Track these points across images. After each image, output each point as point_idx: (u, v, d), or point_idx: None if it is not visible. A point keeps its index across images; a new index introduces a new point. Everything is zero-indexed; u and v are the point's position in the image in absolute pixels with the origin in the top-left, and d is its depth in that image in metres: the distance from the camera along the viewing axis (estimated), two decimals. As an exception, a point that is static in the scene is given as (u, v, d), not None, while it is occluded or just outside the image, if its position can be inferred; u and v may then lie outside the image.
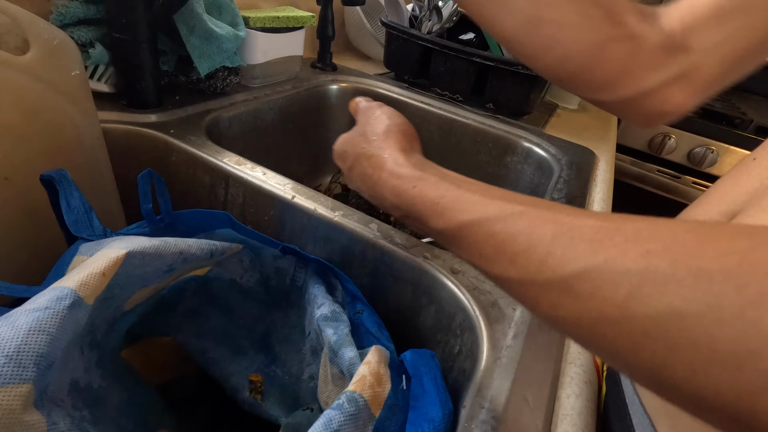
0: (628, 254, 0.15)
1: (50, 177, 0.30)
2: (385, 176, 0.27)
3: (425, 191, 0.24)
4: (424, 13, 0.79)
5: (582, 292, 0.15)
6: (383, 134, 0.30)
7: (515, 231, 0.18)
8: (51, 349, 0.21)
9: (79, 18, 0.45)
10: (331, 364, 0.31)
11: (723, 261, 0.13)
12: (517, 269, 0.18)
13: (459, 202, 0.22)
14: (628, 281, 0.14)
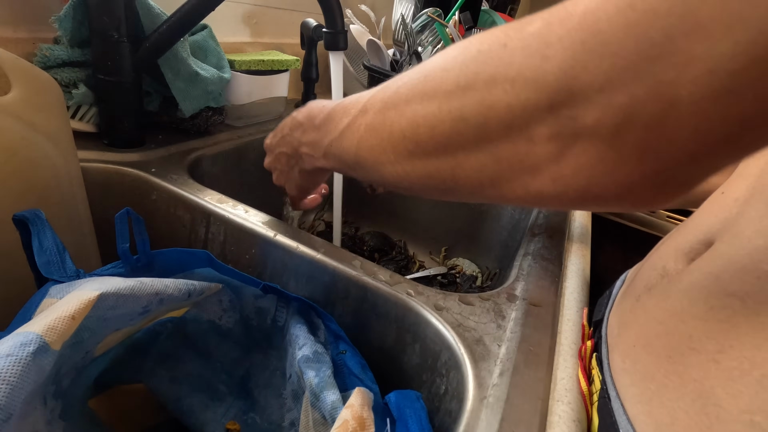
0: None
1: (23, 217, 0.30)
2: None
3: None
4: (404, 57, 0.82)
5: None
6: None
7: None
8: (10, 401, 0.19)
9: (63, 60, 0.45)
10: (312, 409, 0.30)
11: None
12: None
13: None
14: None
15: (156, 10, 0.48)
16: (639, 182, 0.14)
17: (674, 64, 0.12)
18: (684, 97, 0.12)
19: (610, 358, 0.28)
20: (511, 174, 0.17)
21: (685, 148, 0.13)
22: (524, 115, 0.15)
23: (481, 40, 0.18)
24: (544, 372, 0.31)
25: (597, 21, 0.13)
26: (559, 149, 0.15)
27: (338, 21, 0.45)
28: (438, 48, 0.77)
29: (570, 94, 0.14)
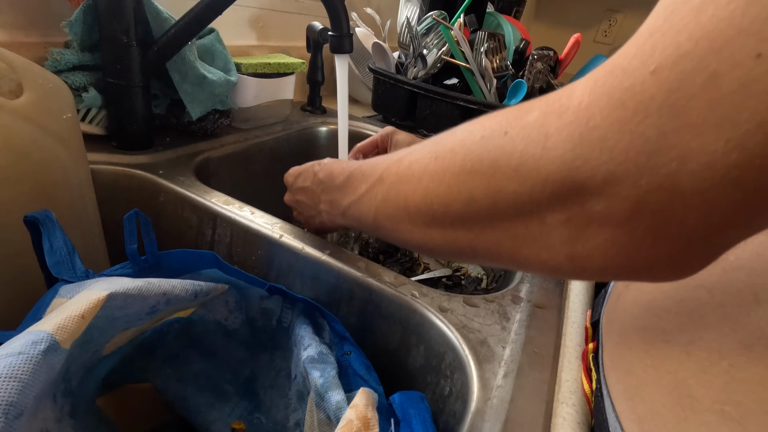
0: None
1: (34, 218, 0.30)
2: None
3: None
4: (410, 60, 0.82)
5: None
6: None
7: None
8: (22, 398, 0.20)
9: (73, 64, 0.46)
10: (317, 409, 0.30)
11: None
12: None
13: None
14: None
15: (164, 15, 0.48)
16: (656, 263, 0.15)
17: (672, 158, 0.12)
18: (687, 187, 0.12)
19: (602, 357, 0.28)
20: (527, 251, 0.17)
21: (697, 232, 0.13)
22: (532, 201, 0.16)
23: (484, 125, 0.19)
24: (549, 374, 0.31)
25: (591, 116, 0.14)
26: (572, 233, 0.15)
27: (344, 24, 0.45)
28: (443, 51, 0.77)
29: (575, 184, 0.15)
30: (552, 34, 2.13)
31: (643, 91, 0.13)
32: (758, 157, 0.11)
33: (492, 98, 0.76)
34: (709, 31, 0.12)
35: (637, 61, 0.13)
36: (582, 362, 0.32)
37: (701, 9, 0.12)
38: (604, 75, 0.14)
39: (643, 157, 0.13)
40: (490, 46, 0.75)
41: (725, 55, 0.11)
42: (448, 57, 0.77)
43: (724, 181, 0.12)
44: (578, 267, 0.16)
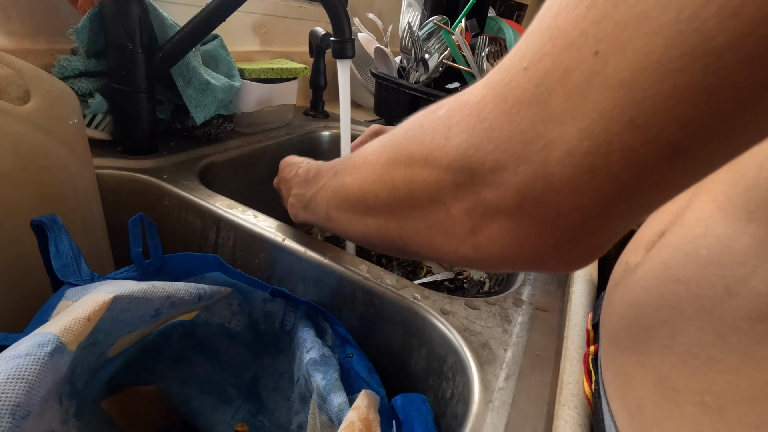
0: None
1: (41, 222, 0.31)
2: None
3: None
4: (411, 64, 0.83)
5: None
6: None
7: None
8: (28, 398, 0.20)
9: (80, 71, 0.47)
10: (320, 412, 0.30)
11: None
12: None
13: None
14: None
15: (169, 22, 0.49)
16: (546, 251, 0.16)
17: (541, 147, 0.14)
18: (556, 174, 0.14)
19: (600, 358, 0.28)
20: (442, 239, 0.19)
21: (574, 219, 0.14)
22: (438, 190, 0.18)
23: (410, 120, 0.20)
24: (551, 376, 0.31)
25: (482, 109, 0.16)
26: (473, 222, 0.17)
27: (346, 30, 0.46)
28: (444, 55, 0.77)
29: (470, 171, 0.16)
30: (554, 37, 2.12)
31: (518, 86, 0.14)
32: (604, 144, 0.12)
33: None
34: (562, 32, 0.13)
35: (515, 59, 0.15)
36: (583, 365, 0.32)
37: (558, 13, 0.13)
38: (495, 72, 0.16)
39: (520, 145, 0.14)
40: (491, 50, 0.76)
41: (573, 53, 0.13)
42: (449, 61, 0.78)
43: (582, 168, 0.13)
44: (481, 256, 0.18)
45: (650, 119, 0.12)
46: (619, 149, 0.12)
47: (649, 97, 0.12)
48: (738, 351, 0.18)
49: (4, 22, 0.45)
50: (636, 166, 0.13)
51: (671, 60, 0.11)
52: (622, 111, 0.12)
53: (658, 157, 0.12)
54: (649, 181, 0.13)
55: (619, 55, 0.12)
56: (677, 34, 0.11)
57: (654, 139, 0.12)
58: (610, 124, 0.12)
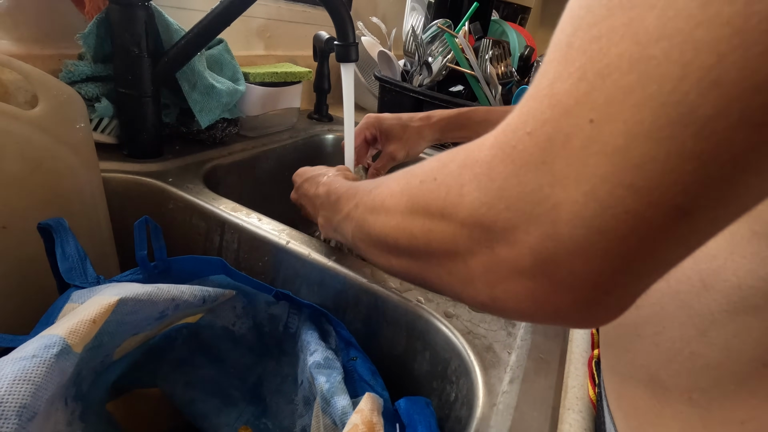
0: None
1: (47, 225, 0.31)
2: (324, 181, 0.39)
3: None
4: (415, 67, 0.83)
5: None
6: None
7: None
8: (35, 400, 0.20)
9: (87, 75, 0.47)
10: (323, 415, 0.30)
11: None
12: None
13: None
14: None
15: (174, 27, 0.50)
16: (564, 310, 0.16)
17: (549, 208, 0.14)
18: (566, 235, 0.14)
19: (600, 360, 0.29)
20: (460, 287, 0.19)
21: (589, 279, 0.14)
22: (455, 243, 0.18)
23: (424, 170, 0.21)
24: (555, 380, 0.31)
25: (492, 169, 0.16)
26: (490, 277, 0.17)
27: (350, 34, 0.46)
28: (448, 58, 0.78)
29: (483, 229, 0.16)
30: (558, 40, 2.12)
31: (524, 149, 0.15)
32: (610, 208, 0.13)
33: (497, 105, 0.76)
34: (559, 100, 0.14)
35: (519, 123, 0.15)
36: (588, 369, 0.32)
37: (553, 82, 0.14)
38: (501, 132, 0.16)
39: (530, 206, 0.15)
40: (495, 53, 0.76)
41: (570, 121, 0.13)
42: (453, 64, 0.78)
43: (591, 230, 0.13)
44: (500, 307, 0.18)
45: (651, 183, 0.12)
46: (624, 212, 0.13)
47: (646, 162, 0.12)
48: (718, 345, 0.18)
49: (13, 28, 0.46)
50: (644, 229, 0.13)
51: (660, 129, 0.11)
52: (622, 176, 0.12)
53: (665, 219, 0.12)
54: (659, 242, 0.13)
55: (612, 124, 0.12)
56: (662, 106, 0.11)
57: (658, 203, 0.12)
58: (612, 188, 0.13)
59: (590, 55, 0.13)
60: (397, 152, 0.51)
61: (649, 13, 0.11)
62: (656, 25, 0.11)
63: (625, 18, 0.12)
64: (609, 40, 0.12)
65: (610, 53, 0.12)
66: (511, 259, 0.16)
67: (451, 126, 0.52)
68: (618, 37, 0.12)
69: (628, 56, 0.12)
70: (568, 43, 0.14)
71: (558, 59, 0.14)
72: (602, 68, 0.12)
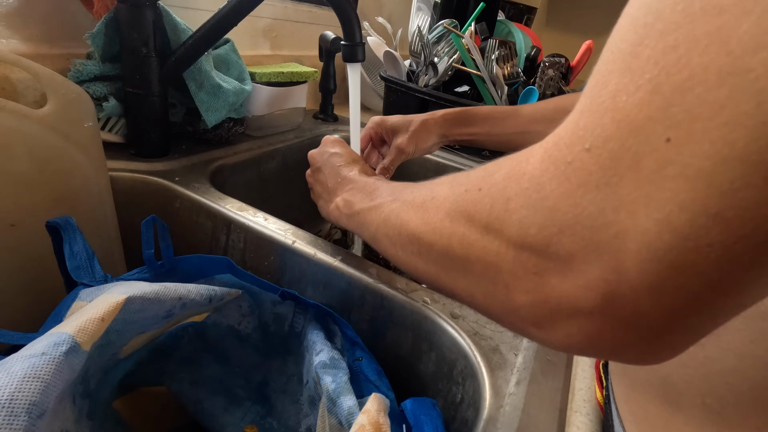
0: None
1: (56, 223, 0.31)
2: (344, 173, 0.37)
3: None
4: (421, 68, 0.83)
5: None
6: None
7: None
8: (44, 397, 0.20)
9: (95, 75, 0.48)
10: (329, 415, 0.30)
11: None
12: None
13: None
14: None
15: (182, 26, 0.50)
16: (621, 349, 0.14)
17: (612, 236, 0.12)
18: (632, 269, 0.12)
19: (609, 364, 0.28)
20: (500, 312, 0.17)
21: (655, 321, 0.13)
22: (498, 262, 0.16)
23: (469, 178, 0.19)
24: (562, 382, 0.31)
25: (543, 186, 0.14)
26: (538, 311, 0.15)
27: (356, 34, 0.46)
28: (453, 59, 0.77)
29: (532, 252, 0.15)
30: (563, 41, 2.12)
31: (583, 167, 0.13)
32: (690, 239, 0.11)
33: (504, 104, 0.76)
34: (626, 115, 0.12)
35: (575, 137, 0.14)
36: (595, 371, 0.32)
37: (616, 94, 0.13)
38: (552, 145, 0.15)
39: (588, 231, 0.13)
40: (501, 54, 0.76)
41: (641, 138, 0.12)
42: (459, 65, 0.78)
43: (663, 264, 0.12)
44: (545, 340, 0.16)
45: (743, 213, 0.11)
46: (707, 245, 0.11)
47: (738, 190, 0.10)
48: (734, 351, 0.18)
49: (23, 28, 0.46)
50: (730, 264, 0.11)
51: (758, 151, 0.10)
52: (707, 204, 0.11)
53: (755, 254, 0.11)
54: (746, 279, 0.11)
55: (695, 145, 0.11)
56: (761, 125, 0.10)
57: (749, 236, 0.11)
58: (693, 217, 0.11)
59: (664, 66, 0.11)
60: (405, 145, 0.49)
61: (743, 20, 0.10)
62: (754, 33, 0.10)
63: (711, 25, 0.11)
64: (690, 50, 0.11)
65: (691, 64, 0.11)
66: (565, 292, 0.14)
67: (457, 122, 0.50)
68: (702, 46, 0.11)
69: (717, 68, 0.10)
70: (633, 52, 0.12)
71: (620, 69, 0.13)
72: (682, 81, 0.11)
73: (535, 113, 0.49)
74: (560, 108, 0.47)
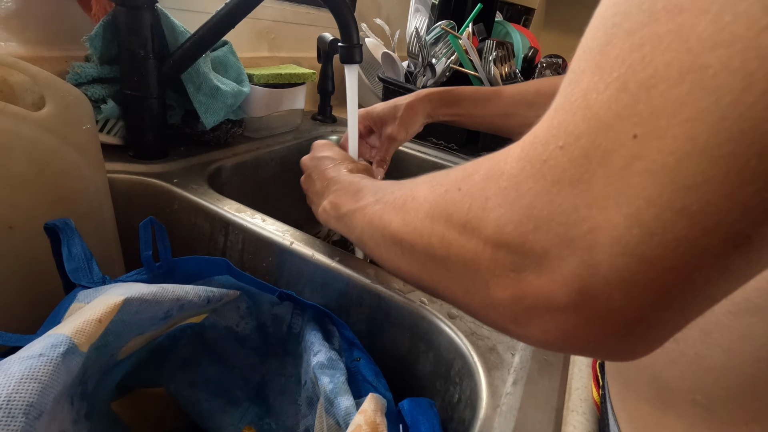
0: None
1: (54, 225, 0.31)
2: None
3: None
4: (419, 69, 0.83)
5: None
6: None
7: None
8: (41, 398, 0.20)
9: (93, 77, 0.48)
10: (327, 415, 0.30)
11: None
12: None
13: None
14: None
15: (180, 29, 0.50)
16: (597, 344, 0.14)
17: (586, 231, 0.13)
18: (604, 263, 0.12)
19: (605, 363, 0.29)
20: (479, 309, 0.18)
21: (629, 315, 0.13)
22: (476, 260, 0.16)
23: (449, 178, 0.19)
24: (559, 382, 0.31)
25: (520, 184, 0.15)
26: (515, 306, 0.15)
27: (353, 35, 0.46)
28: (451, 60, 0.78)
29: (509, 250, 0.15)
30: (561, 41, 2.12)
31: (557, 165, 0.13)
32: (657, 234, 0.11)
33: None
34: (595, 113, 0.12)
35: (549, 136, 0.14)
36: (592, 371, 0.32)
37: (587, 92, 0.13)
38: (529, 144, 0.15)
39: (562, 228, 0.13)
40: (498, 55, 0.76)
41: (610, 135, 0.12)
42: (456, 66, 0.78)
43: (633, 258, 0.12)
44: (523, 336, 0.16)
45: (706, 207, 0.11)
46: (673, 239, 0.11)
47: (701, 184, 0.11)
48: (722, 347, 0.18)
49: (21, 30, 0.47)
50: (697, 257, 0.11)
51: (718, 146, 0.10)
52: (672, 198, 0.11)
53: (721, 247, 0.11)
54: (712, 273, 0.12)
55: (659, 140, 0.11)
56: (720, 120, 0.10)
57: (714, 229, 0.11)
58: (660, 212, 0.11)
59: (631, 64, 0.12)
60: (395, 133, 0.49)
61: (700, 19, 0.10)
62: (711, 32, 0.10)
63: (672, 24, 0.11)
64: (654, 48, 0.11)
65: (655, 62, 0.11)
66: (540, 288, 0.14)
67: (441, 102, 0.51)
68: (664, 45, 0.11)
69: (678, 65, 0.11)
70: (602, 51, 0.13)
71: (591, 68, 0.13)
72: (646, 79, 0.11)
73: (515, 96, 0.49)
74: (541, 92, 0.48)
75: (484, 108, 0.50)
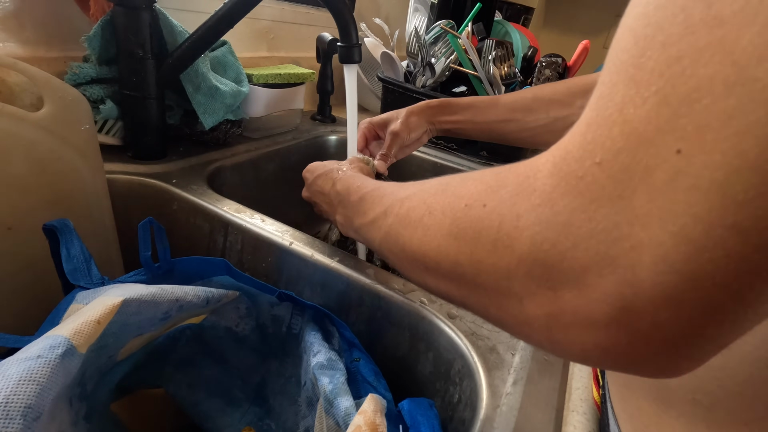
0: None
1: (52, 226, 0.31)
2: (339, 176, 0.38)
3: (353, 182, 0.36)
4: (418, 68, 0.83)
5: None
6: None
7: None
8: (39, 400, 0.20)
9: (92, 77, 0.48)
10: (326, 416, 0.30)
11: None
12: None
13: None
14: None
15: (178, 29, 0.50)
16: (638, 362, 0.14)
17: (628, 249, 0.12)
18: (647, 281, 0.12)
19: None
20: (514, 325, 0.17)
21: (674, 333, 0.12)
22: (509, 279, 0.16)
23: (470, 192, 0.19)
24: (559, 381, 0.31)
25: (555, 202, 0.14)
26: (549, 322, 0.15)
27: (352, 35, 0.46)
28: (451, 59, 0.78)
29: (545, 268, 0.15)
30: (560, 41, 2.12)
31: (595, 181, 0.13)
32: (707, 250, 0.11)
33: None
34: (634, 128, 0.12)
35: (584, 152, 0.14)
36: (592, 370, 0.32)
37: (623, 107, 0.12)
38: (561, 160, 0.15)
39: (603, 246, 0.13)
40: (498, 54, 0.76)
41: (651, 151, 0.12)
42: (456, 65, 0.78)
43: (681, 276, 0.12)
44: (560, 352, 0.16)
45: (758, 222, 0.10)
46: (725, 256, 0.11)
47: (754, 199, 0.10)
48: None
49: (19, 31, 0.46)
50: (749, 273, 0.11)
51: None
52: (722, 214, 0.11)
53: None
54: (765, 287, 0.11)
55: (706, 155, 0.11)
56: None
57: (767, 244, 0.11)
58: (709, 229, 0.11)
59: (670, 77, 0.11)
60: (399, 130, 0.50)
61: (744, 31, 0.10)
62: (758, 44, 0.10)
63: (712, 37, 0.11)
64: (694, 61, 0.11)
65: (697, 76, 0.11)
66: (580, 307, 0.14)
67: (440, 110, 0.52)
68: (705, 58, 0.11)
69: (723, 79, 0.10)
70: (636, 64, 0.12)
71: (624, 81, 0.13)
72: (688, 92, 0.11)
73: (514, 102, 0.50)
74: (538, 97, 0.49)
75: (484, 115, 0.51)
